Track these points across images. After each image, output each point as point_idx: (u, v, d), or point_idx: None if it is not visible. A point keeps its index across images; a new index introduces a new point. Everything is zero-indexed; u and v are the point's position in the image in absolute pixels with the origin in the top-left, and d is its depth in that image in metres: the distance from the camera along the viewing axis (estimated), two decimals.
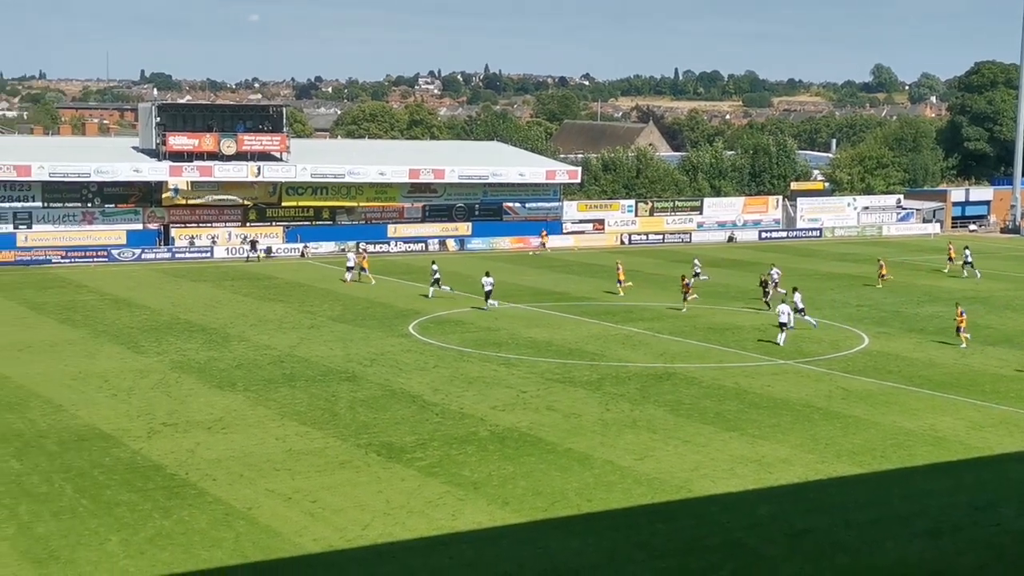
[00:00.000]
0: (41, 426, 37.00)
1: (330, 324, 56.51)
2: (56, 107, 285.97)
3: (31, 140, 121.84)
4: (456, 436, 36.43)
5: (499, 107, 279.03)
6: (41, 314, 58.58)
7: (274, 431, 36.79)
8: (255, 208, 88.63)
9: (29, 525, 27.92)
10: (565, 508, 29.90)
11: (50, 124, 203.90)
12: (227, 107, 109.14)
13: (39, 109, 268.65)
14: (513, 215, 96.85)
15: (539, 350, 50.71)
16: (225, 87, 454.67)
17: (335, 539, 27.42)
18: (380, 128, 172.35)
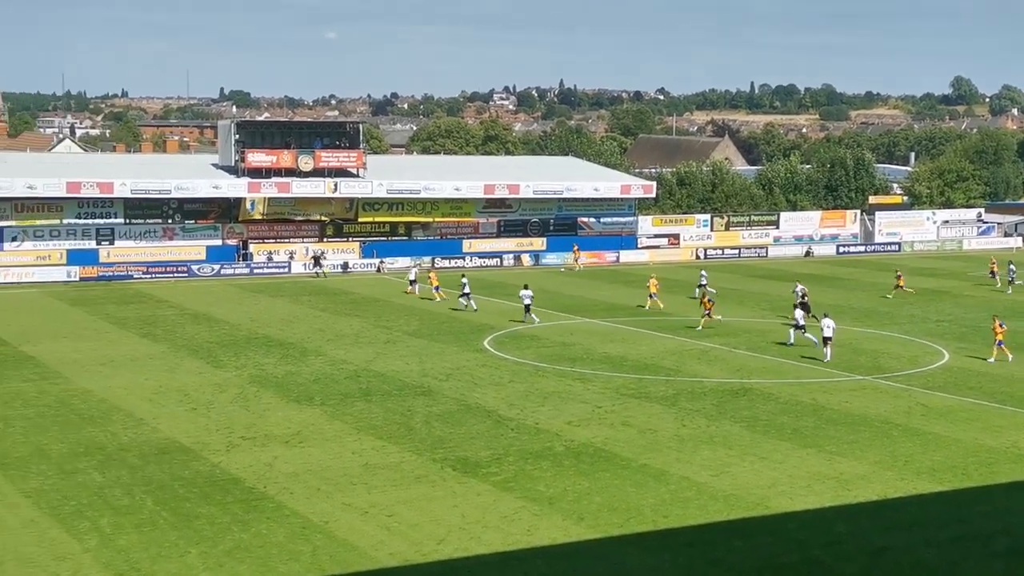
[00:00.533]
0: (123, 439, 37.56)
1: (406, 339, 56.81)
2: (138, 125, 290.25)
3: (114, 157, 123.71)
4: (531, 451, 36.46)
5: (574, 122, 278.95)
6: (123, 329, 59.47)
7: (351, 445, 37.05)
8: (332, 224, 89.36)
9: (111, 537, 28.35)
10: (640, 524, 29.81)
11: (132, 142, 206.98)
12: (305, 124, 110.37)
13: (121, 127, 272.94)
14: (588, 230, 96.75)
15: (614, 365, 50.61)
16: (303, 104, 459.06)
17: (411, 553, 27.55)
18: (455, 144, 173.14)
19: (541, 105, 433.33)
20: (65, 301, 69.56)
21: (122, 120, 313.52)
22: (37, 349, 53.28)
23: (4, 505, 30.71)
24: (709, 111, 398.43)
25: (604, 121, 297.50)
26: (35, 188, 79.45)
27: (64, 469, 34.05)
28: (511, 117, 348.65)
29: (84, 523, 29.36)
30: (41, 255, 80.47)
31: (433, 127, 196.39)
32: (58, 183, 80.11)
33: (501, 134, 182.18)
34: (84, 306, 67.37)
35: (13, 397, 43.35)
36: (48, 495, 31.56)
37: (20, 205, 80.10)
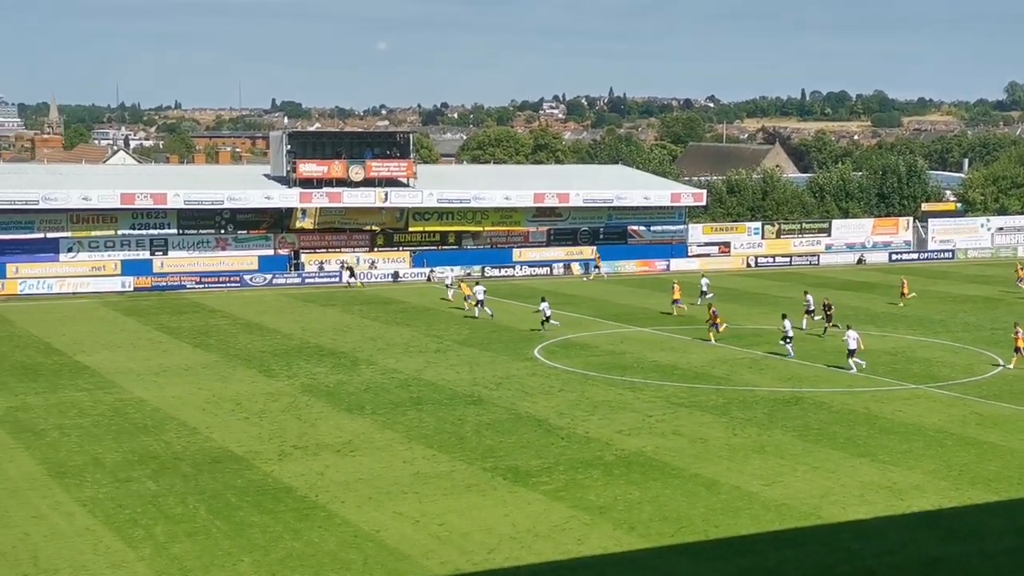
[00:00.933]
0: (176, 448, 37.89)
1: (456, 348, 56.93)
2: (191, 136, 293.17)
3: (167, 169, 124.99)
4: (582, 460, 36.44)
5: (623, 130, 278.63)
6: (176, 338, 59.98)
7: (402, 454, 37.18)
8: (382, 233, 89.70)
9: (165, 546, 28.60)
10: (692, 534, 29.72)
11: (185, 153, 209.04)
12: (355, 134, 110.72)
13: (174, 138, 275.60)
14: (638, 238, 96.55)
15: (665, 374, 50.48)
16: (353, 114, 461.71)
17: (462, 562, 27.60)
18: (505, 153, 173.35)
19: (591, 114, 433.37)
20: (119, 311, 70.27)
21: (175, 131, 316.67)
22: (92, 359, 53.85)
23: (60, 513, 31.07)
24: (760, 118, 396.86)
25: (654, 129, 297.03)
26: (90, 199, 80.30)
27: (119, 478, 34.40)
28: (561, 126, 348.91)
29: (138, 531, 29.64)
30: (96, 265, 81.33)
31: (483, 136, 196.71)
32: (113, 194, 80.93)
33: (551, 143, 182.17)
34: (138, 316, 68.02)
35: (69, 406, 43.84)
36: (103, 503, 31.90)
37: (75, 216, 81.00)
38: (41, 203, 78.97)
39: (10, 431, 40.04)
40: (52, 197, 79.41)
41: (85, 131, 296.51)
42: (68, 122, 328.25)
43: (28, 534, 29.36)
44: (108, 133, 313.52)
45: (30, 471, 35.19)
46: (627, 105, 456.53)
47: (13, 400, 44.96)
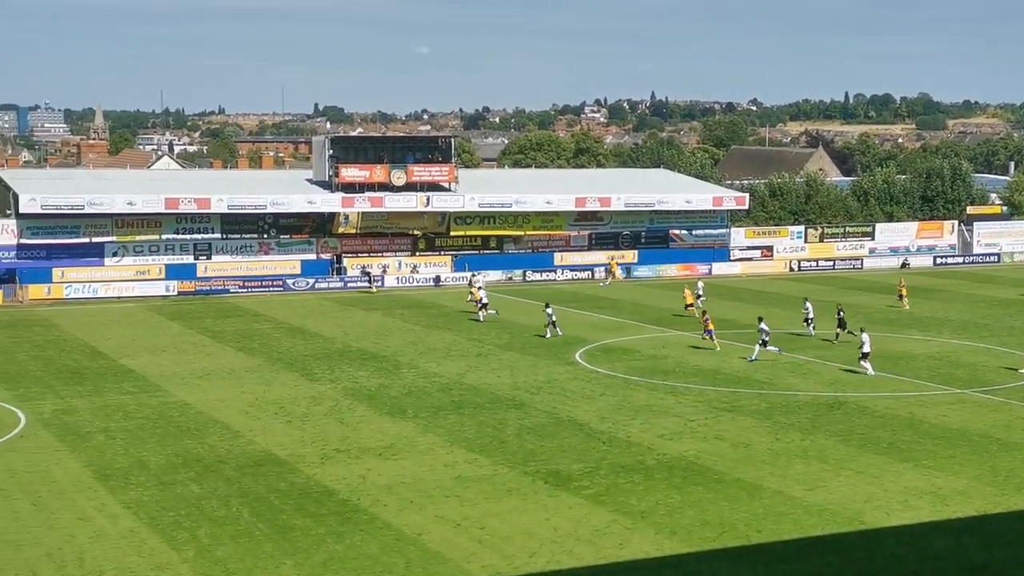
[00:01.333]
0: (220, 451, 38.13)
1: (498, 352, 56.99)
2: (234, 141, 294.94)
3: (211, 173, 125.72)
4: (623, 464, 36.40)
5: (665, 134, 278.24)
6: (220, 342, 60.36)
7: (443, 458, 37.26)
8: (424, 238, 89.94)
9: (208, 548, 28.80)
10: (734, 539, 29.62)
11: (228, 158, 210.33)
12: (397, 139, 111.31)
13: (218, 143, 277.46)
14: (680, 242, 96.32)
15: (706, 378, 50.33)
16: (395, 119, 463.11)
17: (503, 566, 27.63)
18: (546, 157, 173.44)
19: (632, 117, 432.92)
20: (164, 315, 70.79)
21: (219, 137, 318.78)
22: (137, 362, 54.29)
23: (105, 515, 31.34)
24: (803, 121, 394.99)
25: (696, 133, 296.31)
26: (135, 204, 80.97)
27: (163, 480, 34.66)
28: (602, 130, 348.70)
29: (182, 534, 29.86)
30: (140, 270, 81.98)
31: (524, 140, 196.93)
32: (157, 199, 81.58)
33: (592, 147, 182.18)
34: (182, 320, 68.49)
35: (114, 410, 44.22)
36: (147, 506, 32.16)
37: (120, 221, 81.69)
38: (87, 208, 79.71)
39: (56, 434, 40.44)
40: (97, 202, 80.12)
41: (130, 136, 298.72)
42: (113, 128, 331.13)
43: (74, 536, 29.65)
44: (153, 138, 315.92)
45: (76, 473, 35.53)
46: (669, 108, 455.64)
47: (59, 403, 45.40)
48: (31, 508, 31.99)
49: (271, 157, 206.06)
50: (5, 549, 28.59)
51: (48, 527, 30.34)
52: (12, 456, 37.45)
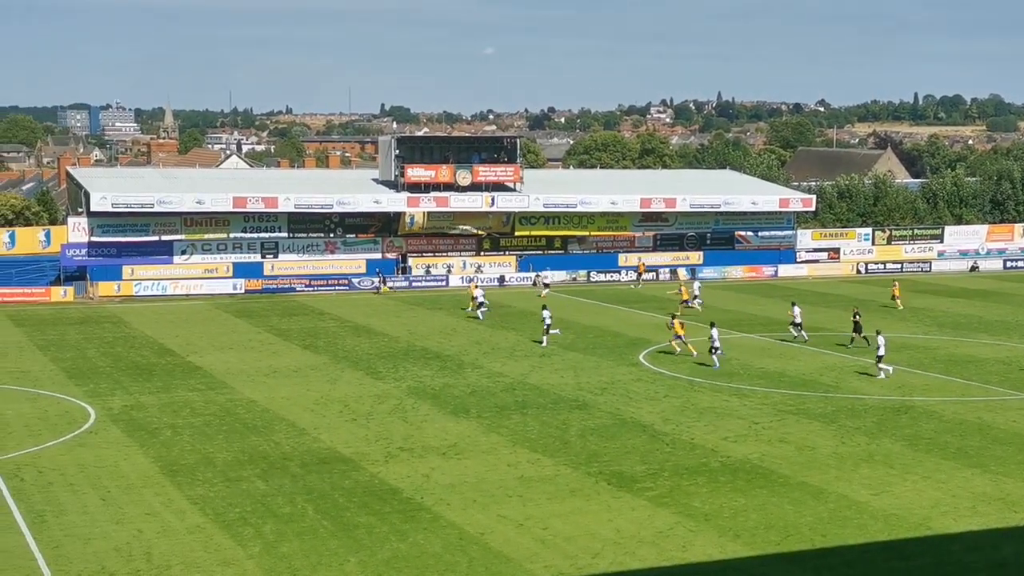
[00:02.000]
0: (285, 448, 38.45)
1: (561, 352, 56.97)
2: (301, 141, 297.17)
3: (278, 173, 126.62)
4: (687, 467, 36.28)
5: (731, 135, 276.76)
6: (286, 340, 60.84)
7: (506, 458, 37.33)
8: (489, 238, 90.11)
9: (274, 544, 29.05)
10: (798, 543, 29.43)
11: (296, 157, 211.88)
12: (463, 139, 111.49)
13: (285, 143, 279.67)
14: (745, 244, 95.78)
15: (771, 381, 50.02)
16: (461, 119, 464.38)
17: (565, 567, 27.64)
18: (612, 157, 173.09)
19: (699, 118, 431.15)
20: (231, 313, 71.48)
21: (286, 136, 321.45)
22: (204, 359, 54.85)
23: (172, 511, 31.72)
24: (871, 123, 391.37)
25: (763, 134, 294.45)
26: (203, 203, 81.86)
27: (229, 477, 35.00)
28: (668, 130, 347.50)
29: (248, 530, 30.15)
30: (208, 268, 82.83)
31: (590, 141, 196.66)
32: (225, 198, 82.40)
33: (658, 147, 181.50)
34: (249, 318, 69.09)
35: (181, 406, 44.73)
36: (214, 502, 32.50)
37: (189, 219, 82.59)
38: (156, 206, 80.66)
39: (125, 430, 40.97)
40: (167, 201, 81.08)
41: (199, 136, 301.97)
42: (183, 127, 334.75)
43: (141, 531, 30.03)
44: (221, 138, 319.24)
45: (144, 469, 35.98)
46: (735, 109, 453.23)
47: (128, 399, 46.00)
48: (100, 503, 32.45)
49: (338, 157, 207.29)
50: (74, 543, 29.02)
51: (116, 522, 30.75)
52: (82, 451, 38.01)
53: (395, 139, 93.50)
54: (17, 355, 56.15)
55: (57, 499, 32.69)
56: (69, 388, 48.12)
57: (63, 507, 31.94)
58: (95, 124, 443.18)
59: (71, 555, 28.13)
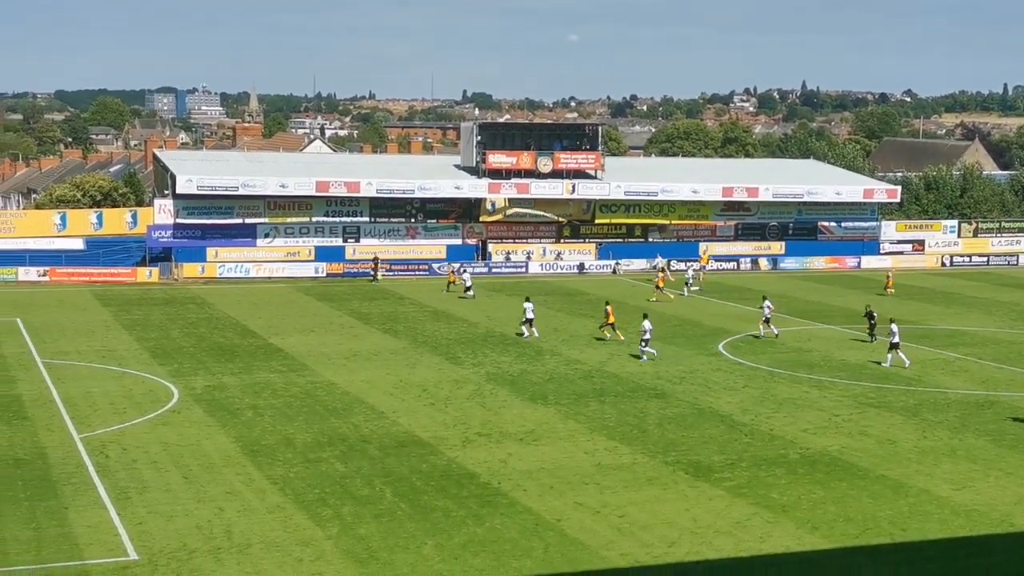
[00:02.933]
0: (364, 431, 38.77)
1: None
2: (384, 126, 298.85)
3: (360, 158, 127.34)
4: (765, 457, 36.06)
5: (815, 124, 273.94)
6: (366, 324, 61.29)
7: (583, 445, 37.35)
8: (569, 225, 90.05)
9: (352, 526, 29.33)
10: (877, 536, 29.16)
11: (378, 142, 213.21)
12: (544, 126, 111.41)
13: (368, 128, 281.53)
14: (828, 234, 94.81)
15: (853, 373, 49.52)
16: (543, 106, 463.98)
17: (641, 555, 27.62)
18: (694, 146, 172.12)
19: (782, 107, 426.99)
20: (312, 296, 72.14)
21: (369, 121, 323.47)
22: (285, 342, 55.42)
23: (252, 490, 32.13)
24: (959, 113, 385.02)
25: (847, 123, 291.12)
26: (287, 187, 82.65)
27: (308, 458, 35.37)
28: (751, 119, 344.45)
29: (327, 511, 30.46)
30: (291, 251, 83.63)
31: (672, 129, 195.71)
32: (308, 182, 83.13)
33: (741, 136, 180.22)
34: (330, 301, 69.69)
35: (263, 387, 45.26)
36: (293, 482, 32.87)
37: (273, 203, 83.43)
38: (241, 189, 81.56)
39: (207, 409, 41.55)
40: (251, 184, 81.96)
41: (283, 120, 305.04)
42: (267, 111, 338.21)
43: (222, 509, 30.46)
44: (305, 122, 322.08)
45: (225, 448, 36.47)
46: (820, 99, 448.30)
47: (211, 379, 46.63)
48: (182, 481, 32.95)
49: (419, 142, 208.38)
50: (157, 520, 29.50)
51: (198, 500, 31.22)
52: (165, 429, 38.61)
53: (477, 125, 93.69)
54: (103, 334, 57.14)
55: (141, 476, 33.25)
56: (153, 367, 48.90)
57: (146, 484, 32.49)
58: (181, 107, 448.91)
59: (153, 532, 28.61)
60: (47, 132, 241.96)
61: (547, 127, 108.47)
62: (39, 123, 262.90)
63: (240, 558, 27.05)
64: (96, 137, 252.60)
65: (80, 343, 54.45)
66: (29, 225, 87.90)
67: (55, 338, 55.60)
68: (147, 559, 26.84)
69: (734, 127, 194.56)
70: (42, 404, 41.91)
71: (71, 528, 28.76)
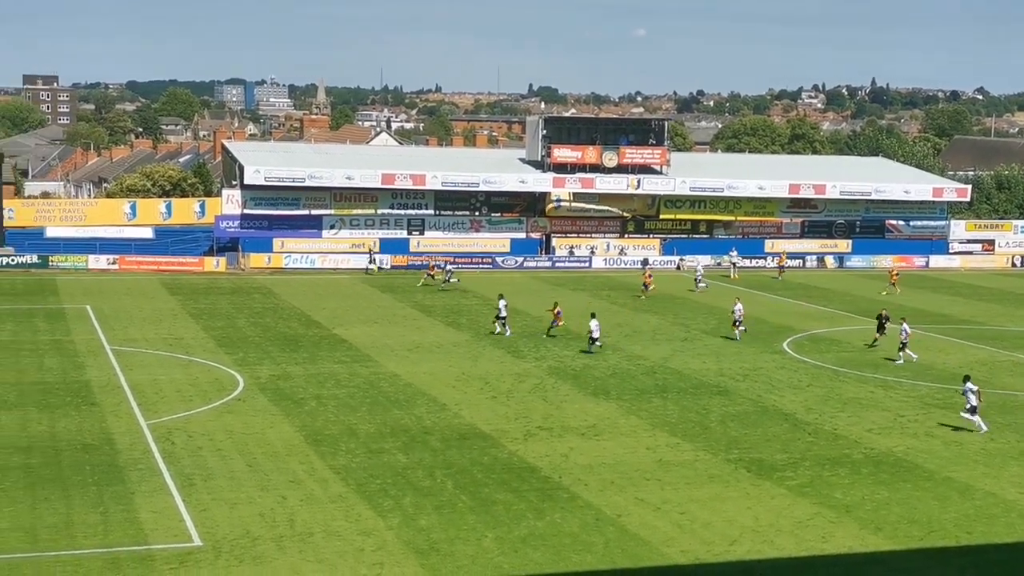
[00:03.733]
0: (426, 423, 38.92)
1: (703, 337, 56.57)
2: (449, 119, 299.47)
3: (426, 151, 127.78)
4: (829, 457, 35.78)
5: (884, 122, 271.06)
6: (429, 316, 61.49)
7: (645, 441, 37.26)
8: (633, 220, 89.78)
9: (413, 517, 29.46)
10: (942, 538, 28.85)
11: (444, 135, 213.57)
12: (610, 120, 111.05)
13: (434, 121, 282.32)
14: (896, 233, 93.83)
15: (919, 373, 49.00)
16: (608, 100, 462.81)
17: (702, 552, 27.51)
18: (760, 142, 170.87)
19: (851, 104, 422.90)
20: (376, 287, 72.46)
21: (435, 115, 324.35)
22: (349, 332, 55.74)
23: (315, 480, 32.36)
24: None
25: (917, 121, 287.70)
26: (353, 179, 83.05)
27: (371, 448, 35.56)
28: (819, 116, 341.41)
29: (388, 501, 30.61)
30: (356, 243, 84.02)
31: (738, 125, 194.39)
32: (374, 174, 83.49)
33: (808, 133, 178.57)
34: (393, 293, 69.97)
35: (327, 377, 45.56)
36: (355, 472, 33.06)
37: (338, 194, 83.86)
38: (307, 181, 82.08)
39: (272, 399, 41.89)
40: (318, 175, 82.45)
41: (350, 112, 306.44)
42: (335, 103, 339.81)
43: (285, 497, 30.70)
44: (372, 115, 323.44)
45: (289, 437, 36.76)
46: (889, 96, 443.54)
47: (276, 369, 47.01)
48: (246, 469, 33.26)
49: (485, 136, 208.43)
50: (220, 507, 29.80)
51: (261, 488, 31.49)
52: (230, 417, 38.99)
53: (542, 119, 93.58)
54: (171, 322, 57.78)
55: (205, 463, 33.61)
56: (219, 356, 49.38)
57: (211, 471, 32.82)
58: (250, 99, 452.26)
59: (217, 518, 28.90)
60: (118, 122, 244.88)
61: (613, 121, 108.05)
62: (111, 113, 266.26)
63: (302, 546, 27.26)
64: (166, 127, 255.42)
65: (148, 331, 55.11)
66: (100, 214, 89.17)
67: (124, 325, 56.31)
68: (211, 545, 27.13)
69: (802, 123, 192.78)
70: (110, 390, 42.48)
71: (137, 513, 29.14)
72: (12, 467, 32.72)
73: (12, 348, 49.95)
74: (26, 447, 34.82)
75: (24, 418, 38.19)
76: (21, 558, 26.12)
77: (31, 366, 46.36)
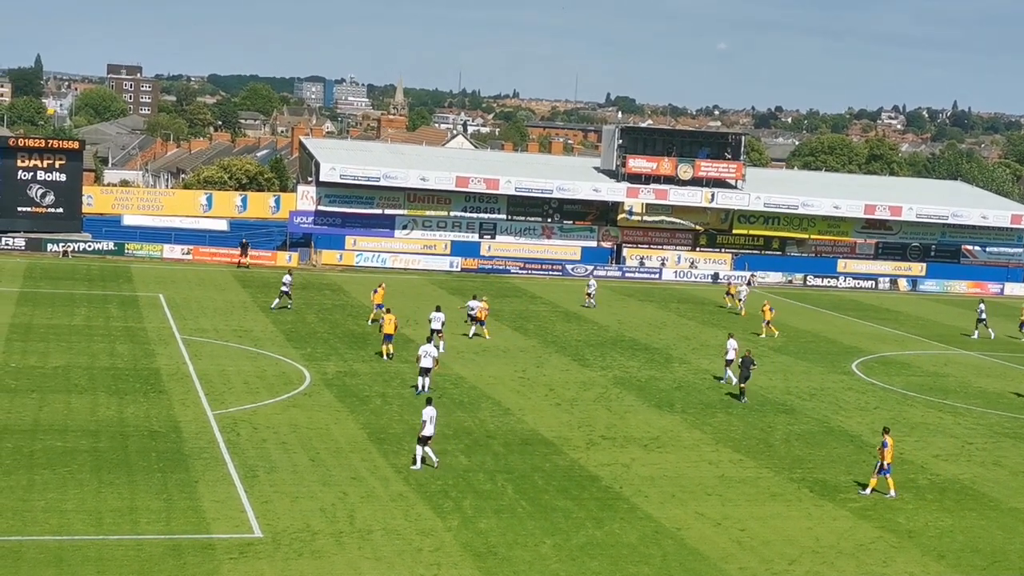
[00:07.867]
0: (489, 427, 38.99)
1: (771, 354, 56.19)
2: (526, 125, 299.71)
3: (501, 155, 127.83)
4: (893, 481, 35.37)
5: (965, 146, 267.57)
6: (497, 321, 61.52)
7: (708, 455, 37.08)
8: (706, 234, 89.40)
9: (472, 520, 29.53)
10: (1006, 570, 28.44)
11: (519, 141, 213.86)
12: (687, 133, 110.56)
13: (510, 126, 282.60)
14: (971, 259, 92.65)
15: (990, 401, 48.34)
16: (685, 112, 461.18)
17: (760, 570, 27.33)
18: (838, 161, 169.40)
19: (931, 126, 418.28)
20: (446, 289, 72.72)
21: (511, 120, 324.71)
22: (416, 333, 55.88)
23: (377, 477, 32.54)
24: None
25: (998, 146, 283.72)
26: (427, 180, 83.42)
27: (433, 449, 35.65)
28: (898, 137, 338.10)
29: (448, 503, 30.71)
30: (428, 244, 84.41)
31: (816, 142, 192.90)
32: (448, 177, 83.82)
33: (886, 153, 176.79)
34: (463, 296, 70.07)
35: (392, 376, 45.78)
36: (417, 473, 33.19)
37: (412, 195, 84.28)
38: (382, 180, 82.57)
39: (337, 395, 42.18)
40: (392, 175, 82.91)
41: (427, 114, 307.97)
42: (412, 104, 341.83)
43: (346, 494, 30.90)
44: (448, 118, 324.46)
45: (352, 434, 36.99)
46: (971, 119, 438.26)
47: (343, 365, 47.32)
48: (309, 463, 33.51)
49: (560, 143, 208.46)
50: (282, 499, 30.06)
51: (323, 483, 31.72)
52: (295, 411, 39.31)
53: (619, 129, 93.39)
54: (241, 314, 58.36)
55: (269, 456, 33.91)
56: (287, 350, 49.80)
57: (274, 464, 33.11)
58: (329, 97, 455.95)
59: (278, 511, 29.15)
60: (199, 114, 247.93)
61: (689, 134, 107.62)
62: (192, 105, 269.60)
63: (361, 543, 27.42)
64: (245, 122, 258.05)
65: (218, 322, 55.71)
66: (176, 204, 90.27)
67: (195, 315, 56.97)
68: (271, 537, 27.37)
69: (880, 144, 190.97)
70: (179, 379, 43.00)
71: (199, 502, 29.46)
72: (80, 450, 33.23)
73: (85, 333, 50.73)
74: (95, 431, 35.34)
75: (94, 402, 38.78)
76: (85, 540, 26.51)
77: (103, 351, 47.04)
